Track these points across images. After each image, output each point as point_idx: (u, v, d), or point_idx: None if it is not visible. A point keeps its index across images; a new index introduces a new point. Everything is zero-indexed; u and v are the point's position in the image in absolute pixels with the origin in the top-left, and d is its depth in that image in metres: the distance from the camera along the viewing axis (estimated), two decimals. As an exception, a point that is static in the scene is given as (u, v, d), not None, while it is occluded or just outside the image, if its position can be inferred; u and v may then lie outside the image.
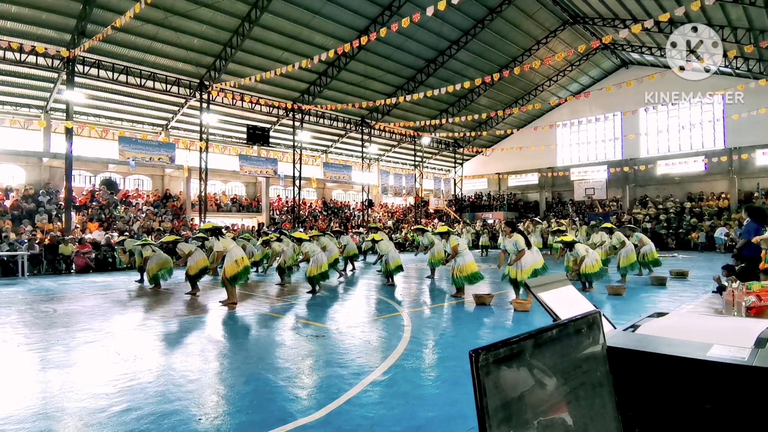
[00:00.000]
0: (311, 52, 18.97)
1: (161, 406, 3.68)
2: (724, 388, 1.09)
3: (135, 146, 20.56)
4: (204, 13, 17.25)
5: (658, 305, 8.05)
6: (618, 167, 29.29)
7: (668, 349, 1.22)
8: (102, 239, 16.87)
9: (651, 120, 29.27)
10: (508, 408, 0.77)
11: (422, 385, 4.16)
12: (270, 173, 26.27)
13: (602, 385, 1.06)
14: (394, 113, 28.01)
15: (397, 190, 33.99)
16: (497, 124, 32.15)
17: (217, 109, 22.50)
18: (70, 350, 5.49)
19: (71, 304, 8.75)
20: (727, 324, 1.63)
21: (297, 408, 3.63)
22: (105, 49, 17.51)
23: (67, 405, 3.76)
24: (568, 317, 1.05)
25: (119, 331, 6.52)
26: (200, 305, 8.55)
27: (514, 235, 8.34)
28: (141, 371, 4.60)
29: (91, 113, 21.72)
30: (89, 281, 12.71)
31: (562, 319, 1.07)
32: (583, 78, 30.46)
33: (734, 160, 25.98)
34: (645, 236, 12.82)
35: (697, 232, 25.05)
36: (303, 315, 7.60)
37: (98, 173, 22.97)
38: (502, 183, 37.56)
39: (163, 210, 22.57)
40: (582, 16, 23.72)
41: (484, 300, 8.20)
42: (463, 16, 21.58)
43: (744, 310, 2.25)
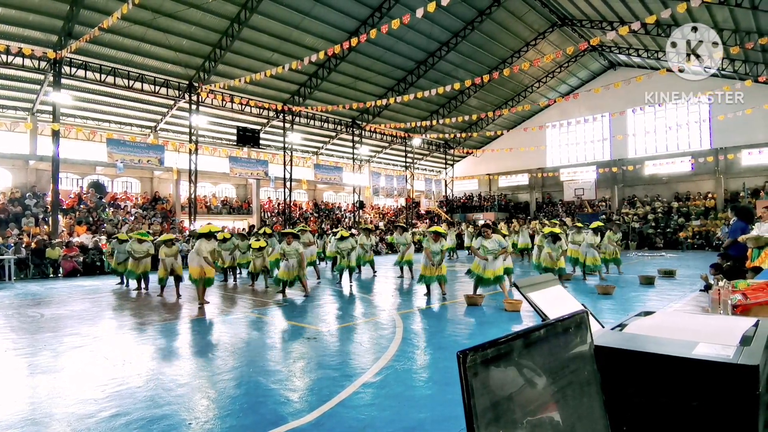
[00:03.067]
0: (301, 53, 18.92)
1: (150, 411, 3.65)
2: (709, 385, 1.11)
3: (123, 148, 20.35)
4: (193, 14, 17.13)
5: (646, 304, 8.14)
6: (606, 167, 29.57)
7: (655, 348, 1.23)
8: (90, 242, 16.67)
9: (638, 121, 29.61)
10: (497, 408, 0.77)
11: (414, 386, 4.17)
12: (260, 175, 26.14)
13: (590, 384, 1.07)
14: (384, 114, 28.03)
15: (389, 192, 34.01)
16: (487, 125, 32.31)
17: (206, 110, 22.36)
18: (57, 355, 5.43)
19: (59, 309, 8.64)
20: (713, 322, 1.65)
21: (288, 411, 3.62)
22: (92, 50, 17.33)
23: (55, 410, 3.71)
24: (557, 317, 1.06)
25: (107, 335, 6.45)
26: (189, 309, 8.48)
27: (494, 235, 8.84)
28: (130, 376, 4.55)
29: (78, 115, 21.47)
30: (77, 285, 12.55)
31: (551, 319, 1.08)
32: (572, 79, 30.73)
33: (720, 160, 26.34)
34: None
35: (684, 231, 25.39)
36: (294, 317, 7.57)
37: (86, 176, 22.70)
38: (493, 184, 37.74)
39: (152, 213, 22.37)
40: (570, 18, 23.93)
41: (475, 300, 8.24)
42: (452, 17, 21.67)
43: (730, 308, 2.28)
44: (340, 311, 8.21)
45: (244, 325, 6.98)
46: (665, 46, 23.27)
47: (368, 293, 10.24)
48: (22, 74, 17.60)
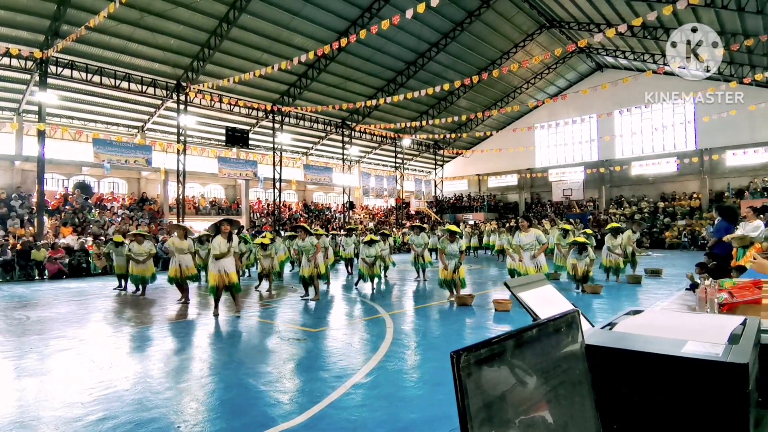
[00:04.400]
0: (291, 53, 18.83)
1: (138, 414, 3.60)
2: (699, 383, 1.12)
3: (110, 148, 20.12)
4: (181, 13, 16.98)
5: (634, 303, 8.23)
6: (594, 168, 29.88)
7: (645, 347, 1.24)
8: (76, 244, 16.43)
9: (625, 122, 29.95)
10: (490, 408, 0.77)
11: (405, 387, 4.17)
12: (250, 175, 26.00)
13: (581, 383, 1.08)
14: (374, 115, 28.03)
15: (379, 192, 34.02)
16: (477, 126, 32.46)
17: (195, 110, 22.16)
18: (44, 358, 5.34)
19: (45, 311, 8.50)
20: (700, 321, 1.67)
21: (279, 413, 3.60)
22: (79, 49, 17.10)
23: (42, 414, 3.65)
24: (548, 317, 1.06)
25: (94, 338, 6.36)
26: (177, 311, 8.40)
27: (532, 229, 8.42)
28: (117, 379, 4.49)
29: (64, 115, 21.18)
30: (63, 287, 12.36)
31: (542, 319, 1.09)
32: (560, 81, 31.00)
33: (705, 160, 26.75)
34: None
35: (670, 231, 25.74)
36: (284, 318, 7.53)
37: (72, 176, 22.39)
38: (482, 184, 37.92)
39: (140, 213, 22.12)
40: (558, 20, 24.14)
41: (465, 300, 8.27)
42: (442, 19, 21.74)
43: (716, 306, 2.31)
44: (331, 312, 8.18)
45: (234, 327, 6.93)
46: (651, 49, 23.64)
47: (360, 294, 10.22)
48: (8, 74, 17.33)
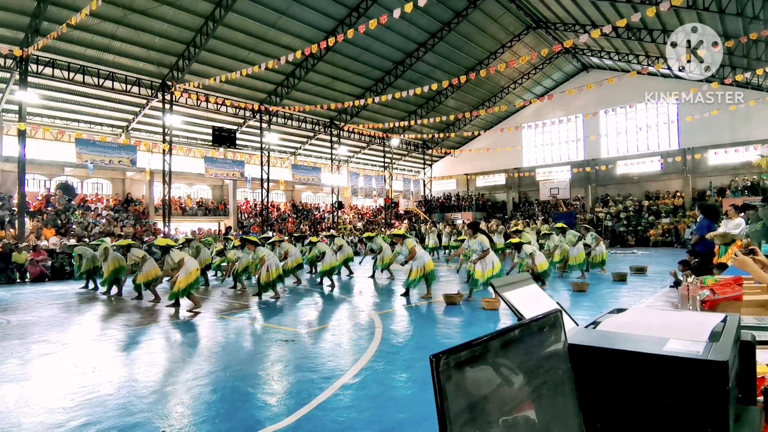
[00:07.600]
0: (278, 52, 18.71)
1: (123, 419, 3.55)
2: (680, 381, 1.13)
3: (93, 149, 19.81)
4: (165, 11, 16.77)
5: (619, 300, 8.33)
6: (580, 167, 30.20)
7: (627, 345, 1.25)
8: (58, 246, 16.14)
9: (611, 122, 30.31)
10: (472, 410, 0.77)
11: (394, 387, 4.16)
12: (237, 176, 25.80)
13: (564, 383, 1.08)
14: (362, 115, 27.98)
15: (367, 192, 34.00)
16: (465, 126, 32.60)
17: (180, 110, 21.91)
18: (25, 363, 5.24)
19: (26, 315, 8.34)
20: (683, 318, 1.69)
21: (266, 415, 3.57)
22: (60, 47, 16.79)
23: (24, 420, 3.58)
24: (530, 317, 1.06)
25: (77, 342, 6.25)
26: (161, 313, 8.30)
27: (478, 235, 8.63)
28: (101, 383, 4.42)
29: (45, 114, 20.79)
30: (44, 290, 12.14)
31: (525, 319, 1.09)
32: (547, 81, 31.26)
33: (688, 160, 27.20)
34: (600, 237, 13.05)
35: (654, 229, 26.12)
36: (271, 320, 7.48)
37: (54, 177, 22.00)
38: (471, 184, 38.09)
39: (125, 215, 21.82)
40: (545, 20, 24.34)
41: (453, 300, 8.29)
42: (430, 18, 21.78)
43: (699, 303, 2.34)
44: (318, 313, 8.15)
45: (220, 329, 6.87)
46: (635, 49, 23.95)
47: (347, 294, 10.20)
48: (-14, 73, 16.96)
